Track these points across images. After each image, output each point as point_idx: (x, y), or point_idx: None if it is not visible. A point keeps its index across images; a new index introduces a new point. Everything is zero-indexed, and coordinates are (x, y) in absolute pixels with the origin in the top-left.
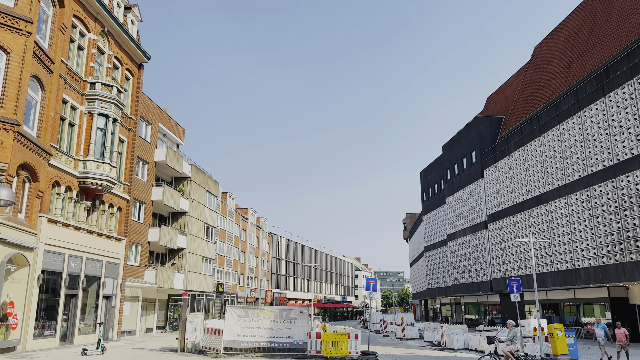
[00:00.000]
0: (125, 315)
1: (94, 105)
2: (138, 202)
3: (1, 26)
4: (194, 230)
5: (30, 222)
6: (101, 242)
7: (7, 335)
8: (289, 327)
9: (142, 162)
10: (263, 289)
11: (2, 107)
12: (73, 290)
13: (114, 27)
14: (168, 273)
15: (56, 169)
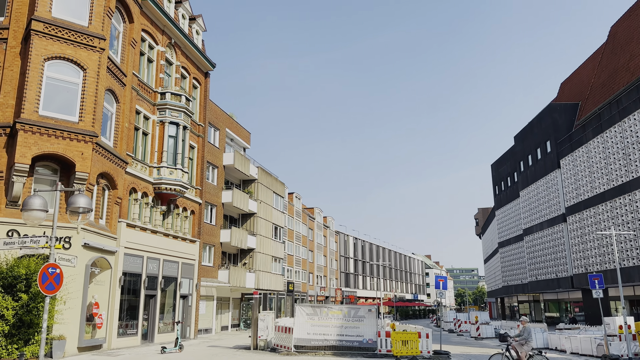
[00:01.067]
0: (201, 314)
1: (165, 114)
2: (209, 205)
3: (77, 45)
4: (263, 230)
5: (110, 227)
6: (176, 244)
7: (94, 334)
8: (357, 325)
9: (212, 166)
10: (332, 287)
11: (82, 120)
12: (152, 290)
13: (180, 39)
14: (240, 273)
15: (133, 176)
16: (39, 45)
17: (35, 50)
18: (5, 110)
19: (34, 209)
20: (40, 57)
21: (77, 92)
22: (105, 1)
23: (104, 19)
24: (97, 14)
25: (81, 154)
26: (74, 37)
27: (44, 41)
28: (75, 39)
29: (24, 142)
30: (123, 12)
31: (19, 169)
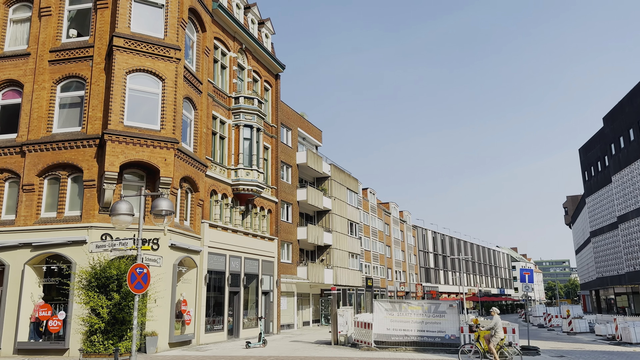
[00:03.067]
0: (283, 309)
1: (239, 118)
2: (285, 204)
3: (155, 56)
4: (338, 227)
5: (194, 228)
6: (256, 242)
7: (183, 330)
8: (439, 321)
9: (286, 165)
10: (413, 282)
11: (163, 128)
12: (235, 287)
13: (250, 44)
14: (318, 269)
15: (212, 179)
16: (121, 59)
17: (118, 65)
18: (94, 122)
19: (120, 214)
20: (123, 70)
21: (157, 102)
22: (178, 13)
23: (178, 30)
24: (171, 25)
25: (164, 160)
26: (151, 50)
27: (125, 55)
28: (152, 51)
29: (112, 152)
30: (196, 22)
31: (109, 176)
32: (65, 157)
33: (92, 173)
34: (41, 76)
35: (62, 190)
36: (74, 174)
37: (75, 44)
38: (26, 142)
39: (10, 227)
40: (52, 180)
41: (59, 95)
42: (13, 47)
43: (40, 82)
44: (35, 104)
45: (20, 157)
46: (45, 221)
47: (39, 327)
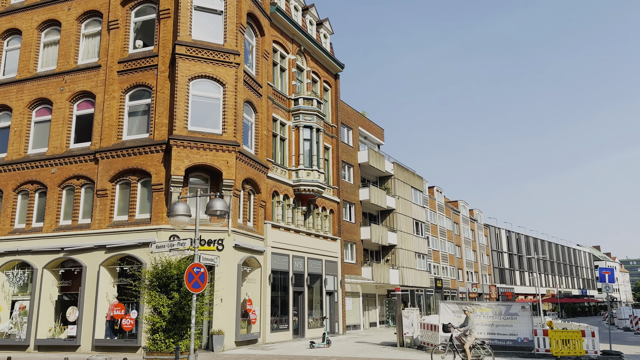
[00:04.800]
0: (348, 310)
1: (298, 119)
2: (348, 204)
3: (215, 62)
4: (403, 226)
5: (257, 228)
6: (318, 242)
7: (249, 329)
8: (510, 323)
9: (347, 165)
10: (486, 284)
11: (225, 132)
12: (299, 287)
13: (309, 45)
14: (383, 269)
15: (274, 180)
16: (183, 66)
17: (180, 72)
18: (160, 129)
19: (178, 214)
20: (185, 77)
21: (219, 106)
22: (237, 18)
23: (237, 35)
24: (230, 31)
25: (226, 163)
26: (212, 56)
27: (187, 62)
28: (213, 57)
29: (177, 156)
30: (254, 26)
31: (175, 180)
32: (134, 163)
33: (160, 177)
34: (111, 86)
35: (133, 194)
36: (143, 178)
37: (141, 54)
38: (99, 150)
39: (87, 231)
40: (123, 185)
41: (127, 104)
42: (85, 60)
43: (110, 92)
44: (107, 113)
45: (94, 164)
46: (117, 224)
47: (114, 325)
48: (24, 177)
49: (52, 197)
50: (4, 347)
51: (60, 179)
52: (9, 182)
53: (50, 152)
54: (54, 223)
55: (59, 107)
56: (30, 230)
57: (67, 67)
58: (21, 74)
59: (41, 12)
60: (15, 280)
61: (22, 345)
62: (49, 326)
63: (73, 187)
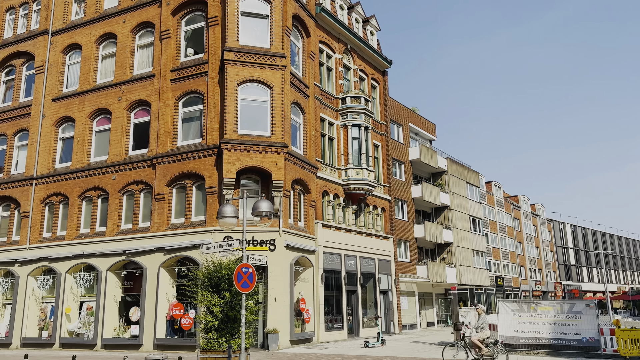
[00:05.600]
0: (403, 309)
1: (346, 118)
2: (399, 201)
3: (262, 66)
4: (459, 223)
5: (308, 228)
6: (370, 241)
7: (303, 328)
8: (574, 322)
9: (398, 162)
10: (550, 281)
11: (273, 134)
12: (352, 286)
13: (355, 43)
14: (439, 268)
15: (323, 180)
16: (232, 72)
17: (229, 77)
18: (212, 133)
19: (226, 216)
20: (234, 82)
21: (267, 109)
22: (282, 21)
23: (283, 38)
24: (276, 34)
25: (275, 164)
26: (259, 60)
27: (235, 68)
28: (260, 61)
29: (228, 159)
30: (300, 28)
31: (227, 182)
32: (189, 167)
33: (213, 180)
34: (165, 94)
35: (188, 197)
36: (197, 182)
37: (192, 62)
38: (156, 156)
39: (146, 234)
40: (179, 189)
41: (181, 111)
42: (140, 70)
43: (164, 100)
44: (162, 120)
45: (151, 169)
46: (175, 227)
47: (173, 324)
48: (88, 184)
49: (113, 202)
50: (74, 345)
51: (121, 184)
52: (74, 190)
53: (111, 159)
54: (116, 227)
55: (117, 116)
56: (94, 235)
57: (123, 78)
58: (82, 86)
59: (98, 26)
60: (82, 282)
61: (90, 344)
62: (113, 326)
63: (133, 192)
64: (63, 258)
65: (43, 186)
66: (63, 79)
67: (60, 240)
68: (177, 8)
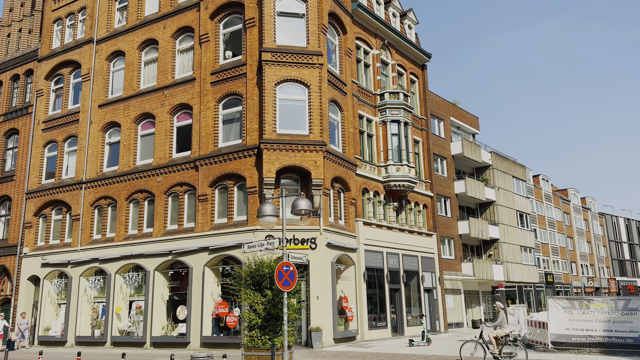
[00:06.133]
0: (449, 307)
1: (385, 114)
2: (442, 197)
3: (299, 65)
4: (505, 219)
5: (349, 226)
6: (413, 238)
7: (346, 326)
8: (629, 319)
9: (440, 158)
10: (603, 277)
11: (311, 132)
12: (395, 284)
13: (393, 38)
14: (485, 265)
15: (363, 177)
16: (269, 72)
17: (267, 78)
18: (251, 134)
19: (266, 215)
20: (272, 82)
21: (304, 108)
22: (318, 19)
23: (319, 36)
24: (312, 33)
25: (314, 163)
26: (296, 59)
27: (273, 68)
28: (297, 60)
29: (268, 159)
30: (336, 25)
31: (267, 182)
32: (230, 168)
33: (253, 180)
34: (205, 97)
35: (230, 197)
36: (238, 182)
37: (230, 64)
38: (198, 158)
39: (191, 234)
40: (221, 190)
41: (221, 113)
42: (181, 74)
43: (205, 102)
44: (203, 122)
45: (194, 171)
46: (218, 226)
47: (219, 322)
48: (134, 187)
49: (159, 204)
50: (124, 343)
51: (166, 186)
52: (122, 192)
53: (156, 162)
54: (162, 228)
55: (161, 120)
56: (142, 236)
57: (165, 82)
58: (126, 92)
59: (140, 33)
60: (131, 282)
61: (140, 342)
62: (162, 324)
63: (177, 194)
64: (112, 259)
65: (92, 190)
66: (108, 86)
67: (109, 241)
68: (215, 11)
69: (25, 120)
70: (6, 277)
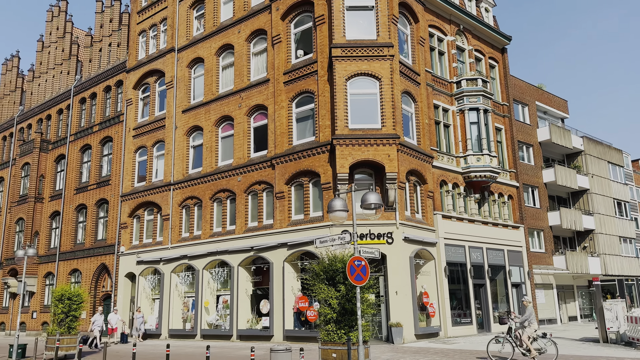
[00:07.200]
0: (540, 303)
1: (462, 102)
2: (529, 187)
3: (369, 58)
4: (601, 208)
5: (427, 220)
6: (497, 231)
7: (428, 323)
8: None
9: (525, 145)
10: None
11: (384, 126)
12: (479, 279)
13: (469, 22)
14: (579, 258)
15: (440, 169)
16: (340, 68)
17: (338, 73)
18: (324, 130)
19: (336, 210)
20: (342, 78)
21: (376, 101)
22: (388, 10)
23: (389, 27)
24: (382, 24)
25: (388, 156)
26: (366, 52)
27: (343, 63)
28: (367, 54)
29: (341, 155)
30: (407, 14)
31: (341, 177)
32: (304, 165)
33: (327, 176)
34: (279, 97)
35: (306, 194)
36: (313, 179)
37: (302, 62)
38: (274, 156)
39: (270, 230)
40: (297, 187)
41: (294, 111)
42: (256, 76)
43: (279, 102)
44: (277, 122)
45: (271, 169)
46: (295, 223)
47: (300, 316)
48: (217, 186)
49: (240, 202)
50: (213, 336)
51: (245, 185)
52: (206, 192)
53: (235, 162)
54: (243, 225)
55: (239, 122)
56: (225, 233)
57: (241, 85)
58: (207, 96)
59: (217, 39)
60: (217, 278)
61: (227, 335)
62: (246, 318)
63: (256, 192)
64: (200, 255)
65: (179, 191)
66: (190, 92)
67: (196, 239)
68: (286, 12)
69: (118, 128)
70: (106, 274)
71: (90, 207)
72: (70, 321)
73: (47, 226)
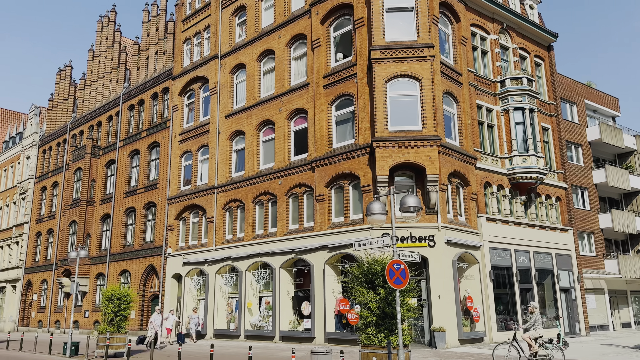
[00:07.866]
0: (591, 308)
1: (507, 102)
2: (578, 189)
3: (409, 59)
4: None
5: (470, 222)
6: (545, 234)
7: (472, 327)
8: None
9: (574, 145)
10: None
11: (425, 127)
12: (526, 284)
13: (512, 20)
14: (633, 261)
15: (484, 170)
16: (379, 70)
17: (377, 76)
18: (364, 133)
19: (374, 213)
20: (382, 80)
21: (416, 103)
22: (429, 11)
23: (429, 27)
24: (422, 25)
25: (429, 158)
26: (406, 54)
27: (383, 65)
28: (407, 55)
29: (380, 157)
30: (448, 14)
31: (381, 180)
32: (344, 168)
33: (367, 179)
34: (319, 100)
35: (345, 197)
36: (353, 181)
37: (341, 66)
38: (314, 159)
39: (311, 233)
40: (337, 190)
41: (334, 114)
42: (296, 80)
43: (318, 105)
44: (317, 125)
45: (311, 172)
46: (335, 225)
47: (341, 319)
48: (259, 189)
49: (281, 205)
50: (256, 337)
51: (286, 188)
52: (248, 195)
53: (276, 166)
54: (284, 227)
55: (279, 126)
56: (267, 235)
57: (282, 90)
58: (248, 101)
59: (258, 45)
60: (260, 279)
61: (270, 336)
62: (288, 319)
63: (297, 195)
64: (243, 257)
65: (223, 194)
66: (233, 97)
67: (239, 241)
68: (326, 16)
69: (165, 133)
70: (154, 275)
71: (138, 210)
72: (120, 320)
73: (98, 228)
